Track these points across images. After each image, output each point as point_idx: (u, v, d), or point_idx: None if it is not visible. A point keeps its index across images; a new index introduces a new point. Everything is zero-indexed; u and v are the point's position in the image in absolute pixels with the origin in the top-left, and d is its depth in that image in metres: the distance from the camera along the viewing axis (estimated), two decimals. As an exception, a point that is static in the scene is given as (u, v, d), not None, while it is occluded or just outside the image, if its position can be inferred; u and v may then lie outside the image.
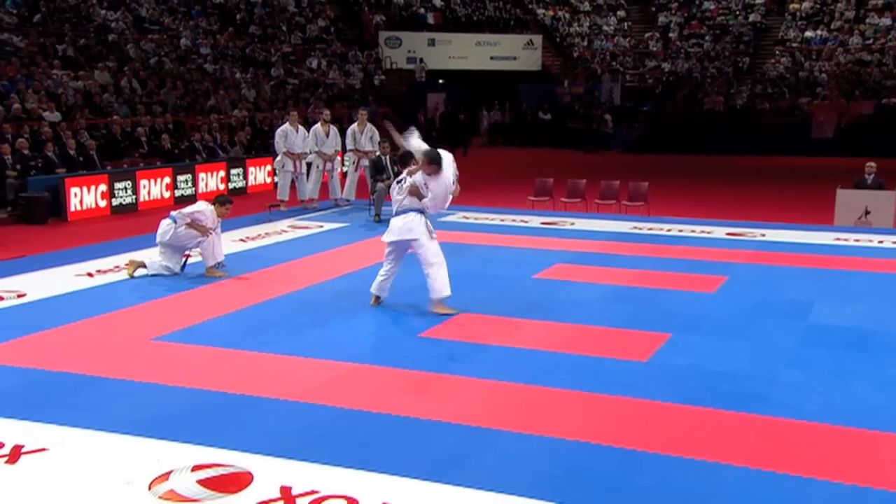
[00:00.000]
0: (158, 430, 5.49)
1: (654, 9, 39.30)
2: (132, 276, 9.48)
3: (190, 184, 17.44)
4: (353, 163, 15.04)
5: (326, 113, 15.75)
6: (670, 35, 37.42)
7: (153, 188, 16.64)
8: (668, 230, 13.14)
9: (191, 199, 17.10)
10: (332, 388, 6.32)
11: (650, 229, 13.19)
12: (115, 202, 15.83)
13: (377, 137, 14.95)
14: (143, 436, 5.42)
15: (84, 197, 15.28)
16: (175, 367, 6.63)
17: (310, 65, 29.45)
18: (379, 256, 10.87)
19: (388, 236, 8.45)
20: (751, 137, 28.85)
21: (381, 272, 8.59)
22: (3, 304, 8.46)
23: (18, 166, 15.14)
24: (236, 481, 4.87)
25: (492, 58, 33.73)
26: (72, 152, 16.16)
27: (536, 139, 31.02)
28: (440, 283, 8.21)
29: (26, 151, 15.47)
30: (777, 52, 35.00)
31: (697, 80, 33.56)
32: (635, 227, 13.32)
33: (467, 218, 14.17)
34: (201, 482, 4.84)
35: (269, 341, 7.38)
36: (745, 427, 5.84)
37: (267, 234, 12.41)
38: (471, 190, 19.15)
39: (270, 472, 4.97)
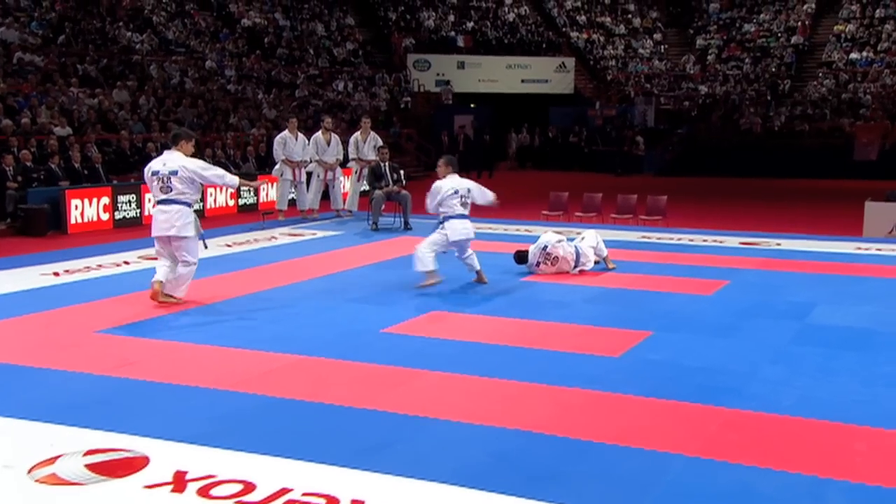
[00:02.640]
0: (66, 417, 5.20)
1: (692, 31, 38.88)
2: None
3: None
4: (357, 172, 14.79)
5: (328, 120, 15.51)
6: (708, 58, 36.93)
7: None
8: (679, 239, 12.70)
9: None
10: (269, 378, 6.00)
11: (659, 238, 12.75)
12: (118, 215, 15.75)
13: (380, 145, 14.69)
14: (49, 422, 5.13)
15: (85, 209, 15.21)
16: (108, 358, 6.36)
17: (336, 87, 29.50)
18: (366, 260, 10.76)
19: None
20: (790, 159, 28.16)
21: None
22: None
23: (20, 178, 15.14)
24: (129, 465, 4.55)
25: (523, 81, 33.52)
26: (77, 165, 16.17)
27: (567, 162, 30.62)
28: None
29: (29, 164, 15.49)
30: (820, 74, 34.31)
31: (735, 102, 32.98)
32: (644, 237, 12.90)
33: (469, 228, 13.83)
34: (90, 466, 4.53)
35: (220, 335, 7.10)
36: (708, 419, 5.42)
37: (256, 240, 12.18)
38: (480, 206, 18.91)
39: (169, 458, 4.64)
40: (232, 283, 9.10)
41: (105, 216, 15.53)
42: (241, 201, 18.18)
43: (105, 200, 15.56)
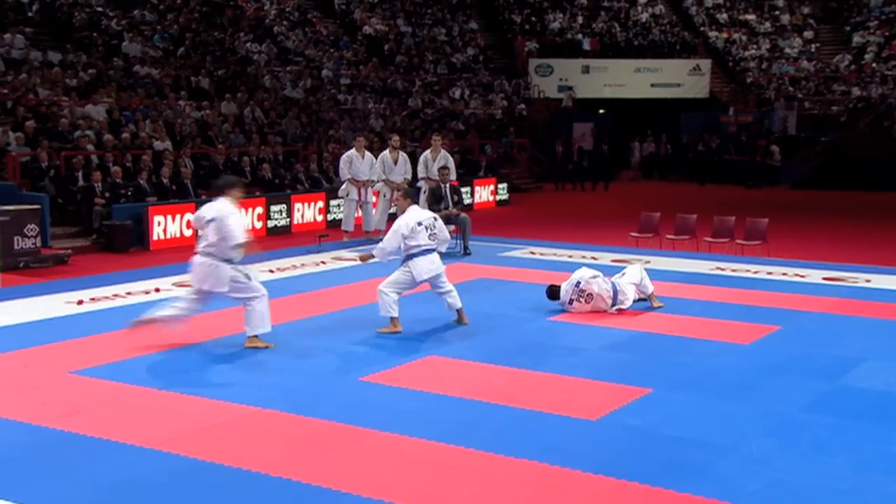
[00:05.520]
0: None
1: (848, 28, 36.74)
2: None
3: (285, 214, 17.69)
4: (425, 192, 14.66)
5: (395, 139, 15.49)
6: (865, 57, 34.77)
7: (244, 218, 16.97)
8: (755, 272, 11.93)
9: (284, 230, 17.40)
10: (206, 435, 5.94)
11: (733, 271, 12.03)
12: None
13: (452, 165, 14.52)
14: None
15: (168, 226, 15.77)
16: (59, 405, 6.46)
17: (452, 95, 29.54)
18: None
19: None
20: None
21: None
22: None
23: (108, 194, 15.85)
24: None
25: (652, 85, 32.53)
26: (165, 181, 16.78)
27: (696, 173, 29.46)
28: None
29: (118, 179, 16.20)
30: None
31: (891, 106, 30.85)
32: (717, 268, 12.20)
33: (534, 254, 13.50)
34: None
35: (191, 380, 7.13)
36: (646, 506, 5.01)
37: (302, 265, 12.24)
38: (572, 225, 18.44)
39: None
40: (241, 318, 9.13)
41: (188, 232, 16.04)
42: (329, 216, 18.37)
43: (189, 216, 16.08)
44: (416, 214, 8.93)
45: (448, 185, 13.33)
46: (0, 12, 22.60)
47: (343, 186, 14.70)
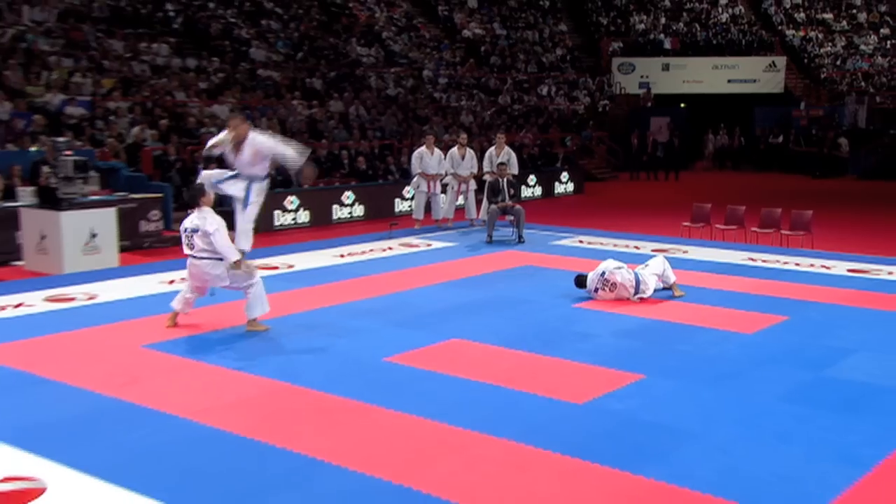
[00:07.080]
0: (22, 438, 5.46)
1: (925, 25, 34.67)
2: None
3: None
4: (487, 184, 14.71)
5: (463, 137, 15.63)
6: (942, 52, 32.78)
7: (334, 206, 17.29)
8: (784, 263, 11.49)
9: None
10: (234, 408, 6.10)
11: (764, 261, 11.62)
12: (300, 219, 16.63)
13: (514, 161, 14.49)
14: (3, 442, 5.43)
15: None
16: (122, 375, 6.73)
17: (540, 91, 29.28)
18: (452, 275, 10.70)
19: None
20: None
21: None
22: (71, 304, 9.09)
23: (218, 184, 16.40)
24: (20, 497, 4.70)
25: (729, 81, 31.44)
26: (271, 172, 17.18)
27: (767, 164, 28.41)
28: None
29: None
30: None
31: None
32: (749, 259, 11.80)
33: (582, 242, 13.31)
34: (-5, 495, 4.75)
35: (240, 356, 7.30)
36: (599, 487, 4.97)
37: (371, 251, 12.40)
38: (632, 213, 18.04)
39: (64, 492, 4.77)
40: (303, 299, 9.34)
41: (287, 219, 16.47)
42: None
43: (294, 201, 16.48)
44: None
45: (505, 180, 13.30)
46: (149, 24, 23.58)
47: (414, 179, 14.91)
